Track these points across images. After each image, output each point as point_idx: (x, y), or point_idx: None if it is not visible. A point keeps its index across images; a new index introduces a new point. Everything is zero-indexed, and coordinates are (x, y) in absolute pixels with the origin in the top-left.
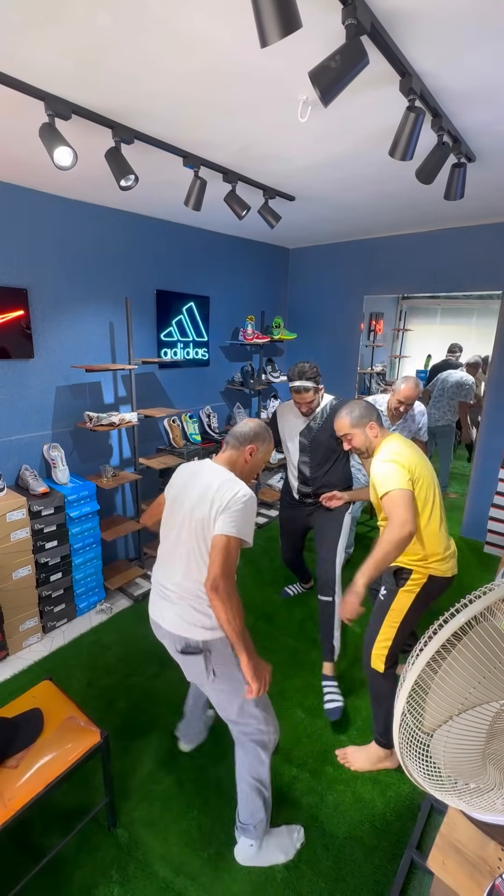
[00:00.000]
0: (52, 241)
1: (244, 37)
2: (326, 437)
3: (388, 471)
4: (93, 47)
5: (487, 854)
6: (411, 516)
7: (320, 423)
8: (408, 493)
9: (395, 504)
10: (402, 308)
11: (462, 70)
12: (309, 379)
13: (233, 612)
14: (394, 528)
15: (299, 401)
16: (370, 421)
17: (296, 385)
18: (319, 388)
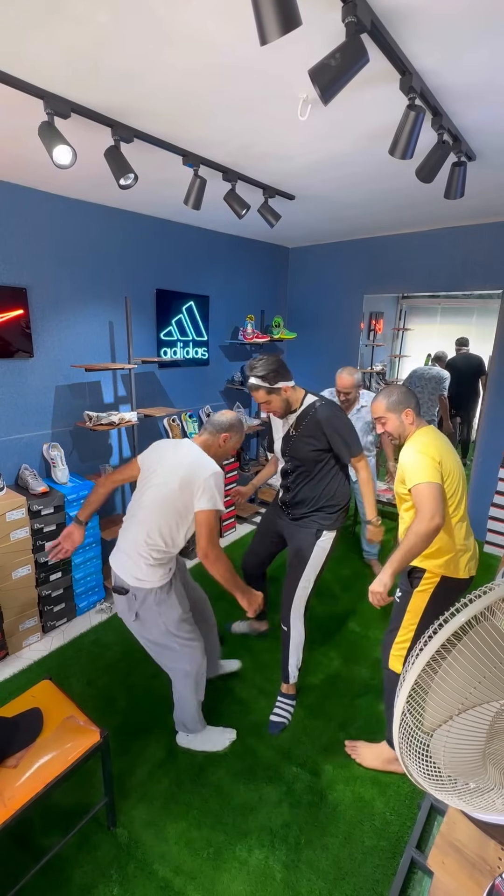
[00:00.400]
0: (51, 241)
1: (244, 34)
2: (306, 446)
3: (419, 463)
4: (92, 45)
5: (487, 854)
6: (440, 509)
7: (300, 430)
8: (437, 486)
9: (424, 497)
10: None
11: (462, 68)
12: (259, 376)
13: (222, 570)
14: (422, 521)
15: (255, 399)
16: (407, 407)
17: (248, 382)
18: (279, 390)
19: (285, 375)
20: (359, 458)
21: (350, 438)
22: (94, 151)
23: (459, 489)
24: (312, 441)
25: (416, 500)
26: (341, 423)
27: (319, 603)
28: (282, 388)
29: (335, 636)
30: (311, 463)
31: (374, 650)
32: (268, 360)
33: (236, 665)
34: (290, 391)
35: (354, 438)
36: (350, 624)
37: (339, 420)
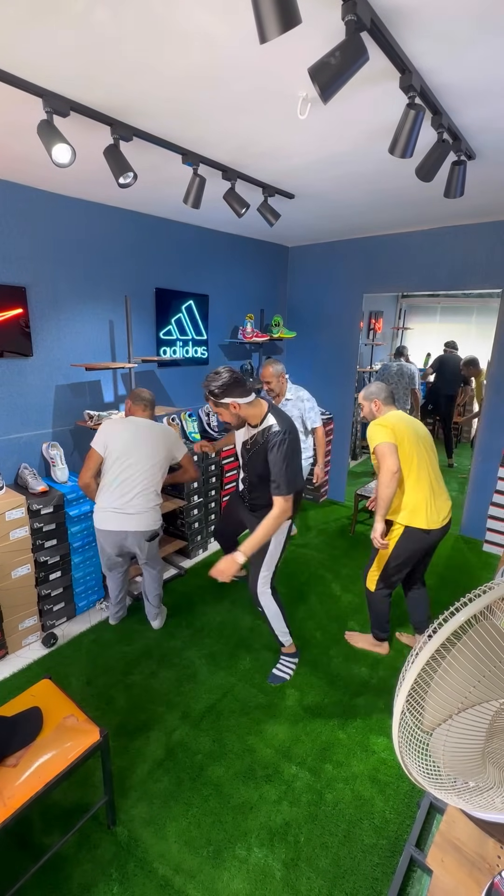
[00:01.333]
0: (50, 239)
1: (243, 33)
2: (259, 464)
3: (375, 430)
4: (91, 43)
5: (486, 852)
6: (396, 461)
7: (256, 447)
8: (390, 444)
9: (382, 454)
10: (401, 306)
11: (462, 67)
12: (206, 387)
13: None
14: (384, 472)
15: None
16: (376, 398)
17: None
18: (226, 405)
19: (237, 393)
20: (280, 498)
21: (280, 476)
22: (94, 150)
23: (415, 455)
24: (262, 461)
25: (378, 457)
26: (278, 459)
27: (319, 602)
28: (230, 403)
29: (335, 635)
30: (261, 475)
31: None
32: (222, 375)
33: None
34: (245, 408)
35: (284, 479)
36: (349, 623)
37: (280, 454)
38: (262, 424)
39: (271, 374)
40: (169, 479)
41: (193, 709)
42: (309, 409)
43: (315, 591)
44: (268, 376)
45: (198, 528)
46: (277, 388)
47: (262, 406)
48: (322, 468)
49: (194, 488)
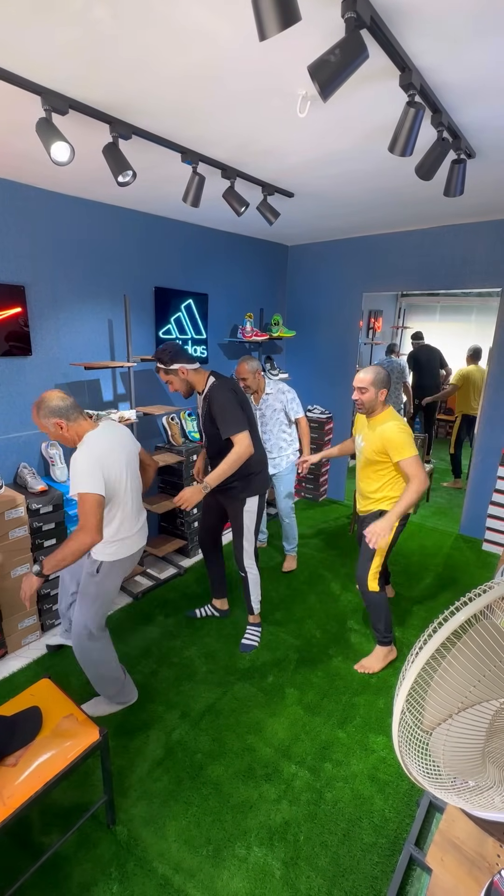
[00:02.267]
0: (49, 238)
1: (243, 30)
2: (209, 423)
3: (405, 440)
4: (90, 41)
5: (486, 850)
6: (426, 473)
7: (204, 410)
8: (418, 455)
9: (414, 467)
10: (401, 305)
11: (463, 65)
12: (156, 358)
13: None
14: (417, 484)
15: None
16: (385, 388)
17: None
18: (175, 371)
19: (184, 359)
20: (235, 436)
21: (228, 418)
22: (93, 148)
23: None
24: (210, 420)
25: (408, 468)
26: (222, 402)
27: (319, 601)
28: (178, 369)
29: (334, 634)
30: (216, 439)
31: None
32: (169, 345)
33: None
34: (191, 374)
35: (233, 419)
36: (349, 622)
37: (221, 398)
38: (206, 388)
39: (247, 370)
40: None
41: (193, 708)
42: (290, 399)
43: (315, 590)
44: (243, 373)
45: (197, 528)
46: (254, 385)
47: (205, 373)
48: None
49: None
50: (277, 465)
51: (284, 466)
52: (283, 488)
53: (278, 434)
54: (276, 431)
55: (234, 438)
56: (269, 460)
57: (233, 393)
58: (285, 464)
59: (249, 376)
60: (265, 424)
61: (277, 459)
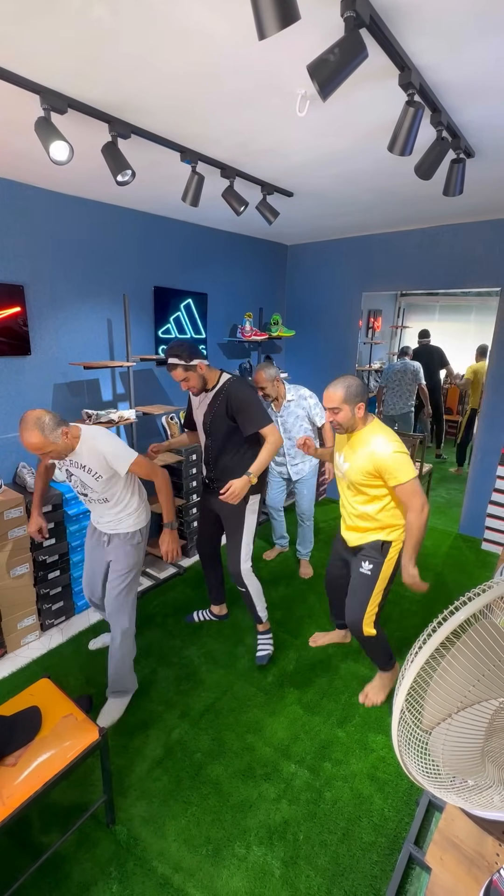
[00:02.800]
0: (48, 238)
1: (242, 29)
2: (221, 419)
3: (401, 461)
4: (89, 40)
5: (485, 849)
6: (425, 498)
7: (216, 406)
8: (417, 480)
9: (412, 492)
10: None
11: (462, 64)
12: (175, 355)
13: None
14: (417, 514)
15: (174, 378)
16: (361, 401)
17: (168, 363)
18: (195, 367)
19: (199, 355)
20: (266, 428)
21: (255, 413)
22: (92, 147)
23: None
24: (225, 416)
25: (405, 495)
26: (246, 397)
27: (318, 601)
28: (197, 364)
29: None
30: (227, 436)
31: None
32: (181, 342)
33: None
34: (206, 369)
35: (260, 413)
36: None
37: (244, 393)
38: (219, 383)
39: (265, 378)
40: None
41: (192, 707)
42: (314, 405)
43: (314, 589)
44: (262, 381)
45: (196, 527)
46: (274, 393)
47: (216, 370)
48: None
49: (193, 487)
50: (300, 470)
51: (308, 471)
52: (308, 492)
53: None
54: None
55: (265, 430)
56: (291, 466)
57: (253, 389)
58: (309, 468)
59: (268, 384)
60: (287, 431)
61: (301, 465)
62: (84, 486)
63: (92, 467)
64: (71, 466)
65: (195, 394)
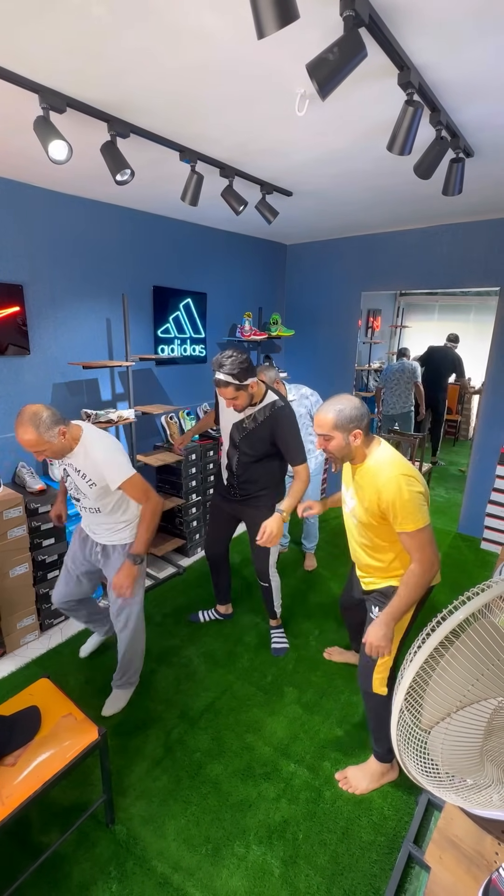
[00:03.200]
0: (47, 237)
1: (241, 28)
2: (261, 441)
3: (411, 503)
4: (88, 39)
5: (484, 848)
6: (437, 553)
7: (257, 425)
8: (430, 527)
9: (422, 544)
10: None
11: (461, 63)
12: (229, 373)
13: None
14: (423, 573)
15: (220, 395)
16: (357, 428)
17: (215, 377)
18: (247, 386)
19: (252, 372)
20: (300, 465)
21: (298, 447)
22: (91, 147)
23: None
24: (267, 438)
25: (413, 547)
26: (293, 431)
27: (317, 600)
28: (249, 384)
29: (333, 634)
30: (260, 456)
31: None
32: (237, 357)
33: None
34: (255, 387)
35: (300, 448)
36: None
37: (293, 427)
38: (265, 401)
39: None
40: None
41: (192, 707)
42: (315, 402)
43: (313, 588)
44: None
45: (196, 527)
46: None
47: (262, 384)
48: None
49: (192, 486)
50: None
51: (313, 468)
52: (312, 490)
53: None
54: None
55: (298, 469)
56: None
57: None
58: (314, 465)
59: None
60: None
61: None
62: (78, 490)
63: (86, 473)
64: (68, 467)
65: (238, 410)
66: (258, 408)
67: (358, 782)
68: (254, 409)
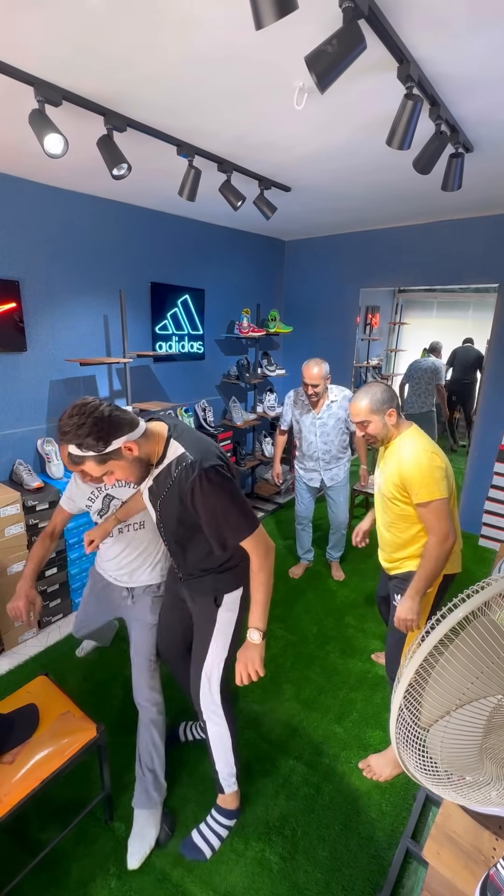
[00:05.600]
0: (44, 232)
1: (239, 20)
2: (176, 510)
3: (430, 476)
4: (84, 31)
5: (482, 844)
6: (452, 526)
7: (165, 491)
8: (447, 501)
9: (437, 515)
10: (398, 301)
11: (461, 56)
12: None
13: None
14: (439, 543)
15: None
16: (391, 408)
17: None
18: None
19: (126, 425)
20: (249, 541)
21: (230, 518)
22: (87, 140)
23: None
24: (177, 517)
25: (429, 518)
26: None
27: (316, 597)
28: (122, 447)
29: (331, 630)
30: (187, 530)
31: (370, 644)
32: (88, 413)
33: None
34: (143, 444)
35: (238, 514)
36: (346, 618)
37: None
38: (167, 457)
39: (319, 376)
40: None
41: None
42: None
43: (312, 586)
44: (315, 378)
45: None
46: (321, 391)
47: (160, 430)
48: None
49: None
50: (335, 476)
51: (343, 477)
52: (343, 500)
53: (339, 445)
54: (338, 443)
55: (248, 543)
56: (325, 472)
57: (227, 474)
58: (343, 474)
59: (322, 383)
60: (326, 435)
61: (336, 470)
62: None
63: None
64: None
65: (138, 484)
66: (160, 469)
67: (381, 770)
68: (156, 470)
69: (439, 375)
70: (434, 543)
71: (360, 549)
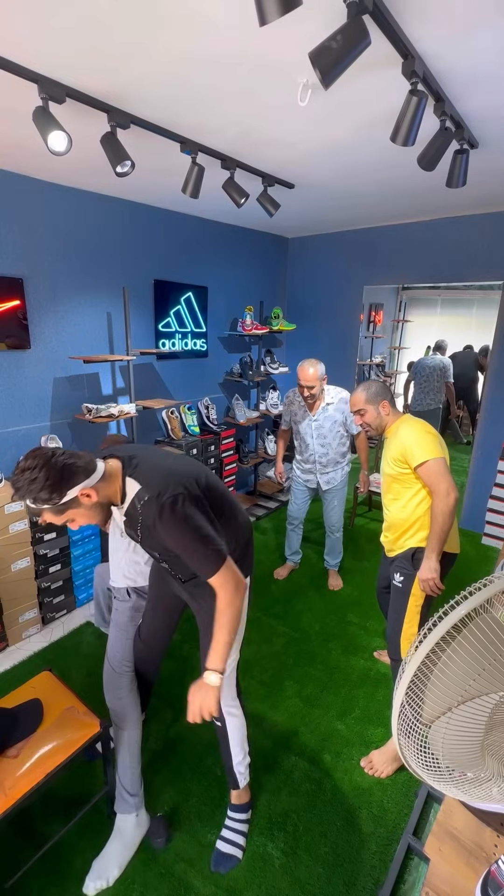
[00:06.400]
0: (47, 230)
1: (243, 15)
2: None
3: (423, 439)
4: (87, 27)
5: (483, 840)
6: (453, 482)
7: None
8: (443, 460)
9: (436, 473)
10: (401, 299)
11: (466, 52)
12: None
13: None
14: (442, 499)
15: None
16: (384, 399)
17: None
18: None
19: (81, 473)
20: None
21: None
22: (90, 138)
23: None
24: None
25: (428, 477)
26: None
27: (318, 595)
28: (79, 495)
29: (334, 627)
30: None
31: (372, 641)
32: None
33: None
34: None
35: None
36: (349, 615)
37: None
38: (127, 495)
39: (315, 377)
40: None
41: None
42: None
43: (314, 583)
44: (311, 380)
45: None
46: (317, 393)
47: (116, 469)
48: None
49: None
50: (332, 479)
51: (339, 481)
52: (339, 503)
53: (337, 448)
54: (336, 446)
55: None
56: (322, 475)
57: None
58: (340, 477)
59: (318, 384)
60: (323, 437)
61: (332, 474)
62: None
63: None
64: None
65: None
66: (125, 507)
67: (383, 766)
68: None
69: (448, 373)
70: (438, 501)
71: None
